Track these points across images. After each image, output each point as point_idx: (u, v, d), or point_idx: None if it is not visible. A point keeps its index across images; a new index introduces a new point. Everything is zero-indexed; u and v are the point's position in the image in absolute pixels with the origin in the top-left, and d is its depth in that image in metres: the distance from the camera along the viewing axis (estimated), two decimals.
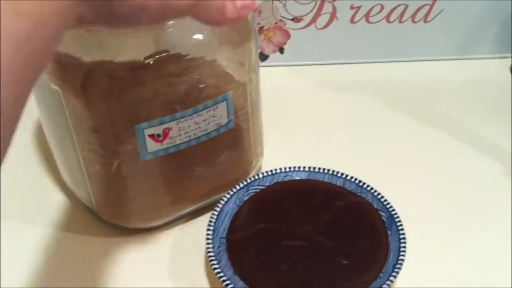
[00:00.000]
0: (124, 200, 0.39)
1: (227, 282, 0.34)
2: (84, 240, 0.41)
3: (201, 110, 0.37)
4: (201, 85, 0.37)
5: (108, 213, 0.40)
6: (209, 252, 0.36)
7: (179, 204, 0.41)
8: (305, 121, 0.51)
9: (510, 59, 0.55)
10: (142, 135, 0.36)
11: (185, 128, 0.37)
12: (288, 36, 0.55)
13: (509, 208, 0.41)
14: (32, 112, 0.42)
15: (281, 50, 0.56)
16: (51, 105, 0.36)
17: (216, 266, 0.35)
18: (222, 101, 0.38)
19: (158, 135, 0.36)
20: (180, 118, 0.36)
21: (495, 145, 0.47)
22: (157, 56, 0.35)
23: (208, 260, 0.35)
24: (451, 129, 0.48)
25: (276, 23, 0.54)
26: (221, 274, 0.34)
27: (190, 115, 0.36)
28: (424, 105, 0.51)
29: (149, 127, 0.36)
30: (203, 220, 0.39)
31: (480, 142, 0.47)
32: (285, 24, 0.54)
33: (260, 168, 0.45)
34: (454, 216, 0.41)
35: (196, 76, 0.37)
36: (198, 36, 0.36)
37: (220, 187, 0.41)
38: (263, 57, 0.57)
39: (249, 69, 0.39)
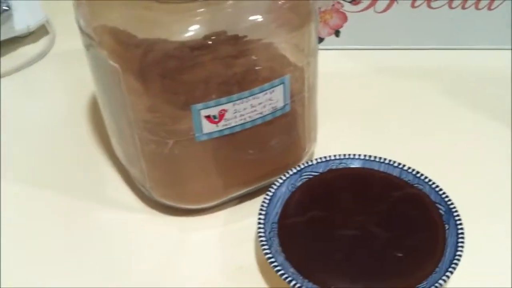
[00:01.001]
0: (177, 180, 0.39)
1: (278, 268, 0.33)
2: (135, 219, 0.41)
3: (257, 93, 0.36)
4: (258, 68, 0.36)
5: (160, 192, 0.40)
6: (261, 236, 0.35)
7: (231, 186, 0.40)
8: (360, 107, 0.49)
9: None
10: (198, 115, 0.35)
11: (241, 111, 0.36)
12: (345, 19, 0.54)
13: None
14: (87, 86, 0.42)
15: (337, 33, 0.55)
16: (109, 81, 0.36)
17: (268, 250, 0.34)
18: (279, 84, 0.37)
19: (214, 117, 0.36)
20: (236, 100, 0.36)
21: None
22: (215, 37, 0.34)
23: (259, 243, 0.35)
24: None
25: (333, 5, 0.53)
26: (273, 260, 0.34)
27: (246, 97, 0.36)
28: (486, 95, 0.50)
29: (205, 108, 0.35)
30: (254, 204, 0.39)
31: None
32: (342, 6, 0.53)
33: (313, 154, 0.44)
34: None
35: (254, 58, 0.36)
36: (256, 17, 0.35)
37: (271, 172, 0.40)
38: (319, 40, 0.55)
39: (307, 52, 0.38)
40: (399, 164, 0.39)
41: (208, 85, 0.35)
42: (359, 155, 0.40)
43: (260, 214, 0.37)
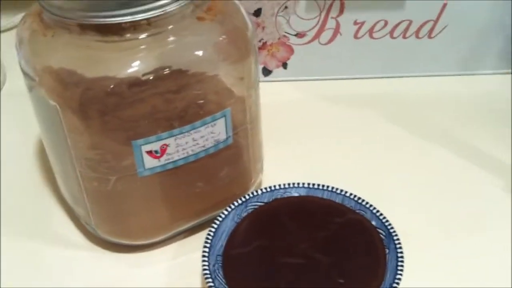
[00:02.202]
0: (121, 217, 0.39)
1: None
2: (82, 257, 0.41)
3: (199, 127, 0.37)
4: (200, 101, 0.37)
5: (105, 229, 0.40)
6: (205, 269, 0.35)
7: (178, 220, 0.41)
8: (308, 136, 0.50)
9: None
10: (139, 151, 0.36)
11: (183, 145, 0.37)
12: (291, 51, 0.55)
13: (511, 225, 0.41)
14: (35, 127, 0.42)
15: (285, 66, 0.56)
16: (50, 121, 0.37)
17: (211, 284, 0.34)
18: (221, 117, 0.38)
19: (156, 152, 0.36)
20: (178, 134, 0.36)
21: (498, 161, 0.46)
22: (154, 73, 0.35)
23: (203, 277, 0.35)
24: (454, 146, 0.48)
25: (279, 38, 0.54)
26: None
27: (188, 131, 0.36)
28: (428, 120, 0.51)
29: (146, 143, 0.36)
30: (202, 237, 0.39)
31: (483, 158, 0.46)
32: (288, 40, 0.54)
33: (260, 183, 0.45)
34: (455, 234, 0.41)
35: (197, 92, 0.37)
36: (199, 52, 0.36)
37: (219, 203, 0.41)
38: (267, 72, 0.57)
39: (248, 84, 0.39)
40: (342, 190, 0.40)
41: (148, 120, 0.35)
42: (303, 183, 0.41)
43: (204, 247, 0.37)
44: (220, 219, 0.39)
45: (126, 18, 0.33)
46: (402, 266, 0.35)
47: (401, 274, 0.34)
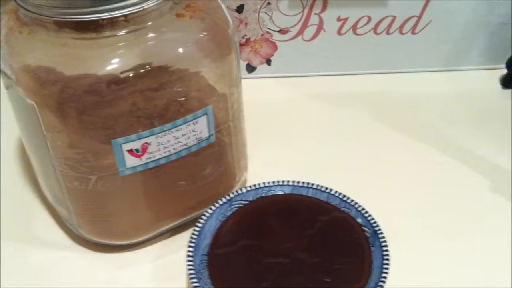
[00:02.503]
0: (103, 217, 0.38)
1: None
2: (65, 257, 0.40)
3: (180, 125, 0.36)
4: (182, 99, 0.36)
5: (88, 229, 0.39)
6: (190, 269, 0.35)
7: (161, 219, 0.40)
8: (293, 133, 0.50)
9: (498, 71, 0.55)
10: (120, 150, 0.35)
11: (165, 143, 0.36)
12: (275, 47, 0.55)
13: (495, 223, 0.41)
14: (15, 127, 0.42)
15: (268, 62, 0.56)
16: (28, 120, 0.36)
17: (197, 284, 0.34)
18: (203, 115, 0.37)
19: (137, 150, 0.36)
20: (159, 133, 0.36)
21: (483, 158, 0.46)
22: (134, 70, 0.34)
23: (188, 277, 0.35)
24: (438, 142, 0.48)
25: (262, 34, 0.54)
26: None
27: (169, 129, 0.36)
28: (412, 117, 0.51)
29: (127, 142, 0.35)
30: (187, 236, 0.39)
31: (467, 155, 0.46)
32: (272, 36, 0.54)
33: (245, 181, 0.44)
34: (440, 232, 0.41)
35: (179, 89, 0.36)
36: (180, 49, 0.36)
37: (203, 202, 0.40)
38: (251, 68, 0.56)
39: (230, 82, 0.39)
40: (326, 188, 0.39)
41: (128, 119, 0.35)
42: (288, 181, 0.40)
43: (189, 246, 0.36)
44: (204, 218, 0.38)
45: (103, 14, 0.32)
46: (387, 264, 0.34)
47: (386, 272, 0.34)
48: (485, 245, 0.39)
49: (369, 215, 0.37)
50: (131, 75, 0.34)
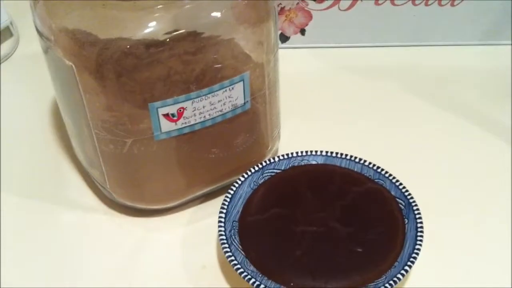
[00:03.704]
0: (137, 181, 0.39)
1: (238, 266, 0.33)
2: (97, 220, 0.40)
3: (216, 90, 0.36)
4: (218, 65, 0.36)
5: (120, 193, 0.39)
6: (221, 235, 0.35)
7: (193, 185, 0.40)
8: (326, 105, 0.49)
9: None
10: (156, 114, 0.35)
11: (200, 108, 0.36)
12: (310, 17, 0.54)
13: None
14: (49, 90, 0.42)
15: (303, 32, 0.55)
16: (66, 82, 0.36)
17: (228, 249, 0.34)
18: (239, 81, 0.37)
19: (173, 115, 0.36)
20: (195, 98, 0.36)
21: None
22: (172, 34, 0.34)
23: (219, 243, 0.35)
24: (473, 117, 0.47)
25: (297, 3, 0.53)
26: (232, 258, 0.34)
27: (205, 95, 0.36)
28: (448, 91, 0.50)
29: (163, 106, 0.35)
30: (217, 203, 0.39)
31: (503, 130, 0.45)
32: (307, 5, 0.53)
33: (277, 151, 0.44)
34: (474, 207, 0.40)
35: (213, 56, 0.36)
36: (216, 14, 0.35)
37: (235, 170, 0.40)
38: (284, 38, 0.55)
39: (267, 49, 0.38)
40: (360, 159, 0.39)
41: (165, 82, 0.35)
42: (321, 151, 0.40)
43: (220, 213, 0.36)
44: (236, 185, 0.38)
45: None
46: (421, 236, 0.34)
47: (420, 245, 0.34)
48: None
49: (404, 187, 0.37)
50: (169, 38, 0.34)
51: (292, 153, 0.40)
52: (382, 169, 0.38)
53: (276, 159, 0.40)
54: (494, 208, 0.40)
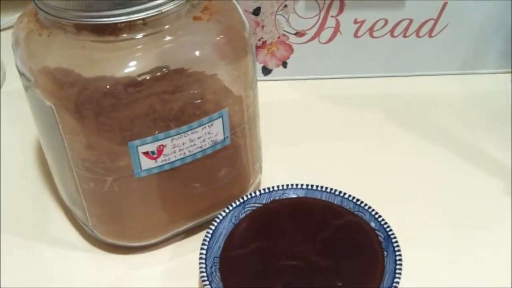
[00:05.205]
0: (118, 218, 0.39)
1: None
2: (79, 257, 0.40)
3: (195, 128, 0.36)
4: (198, 101, 0.37)
5: (102, 230, 0.39)
6: (202, 272, 0.35)
7: (175, 221, 0.40)
8: (308, 136, 0.50)
9: None
10: (136, 152, 0.35)
11: (180, 145, 0.37)
12: (291, 50, 0.55)
13: (509, 225, 0.40)
14: (34, 126, 0.42)
15: (284, 65, 0.56)
16: (46, 121, 0.36)
17: (208, 286, 0.34)
18: (218, 118, 0.37)
19: (152, 152, 0.36)
20: (175, 135, 0.36)
21: (499, 162, 0.46)
22: (151, 73, 0.34)
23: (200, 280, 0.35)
24: (453, 146, 0.47)
25: (279, 37, 0.54)
26: None
27: (184, 132, 0.36)
28: (428, 120, 0.51)
29: (143, 144, 0.35)
30: (200, 238, 0.39)
31: (483, 159, 0.46)
32: (288, 39, 0.54)
33: (259, 184, 0.45)
34: (455, 236, 0.41)
35: (195, 92, 0.36)
36: (197, 52, 0.36)
37: (217, 204, 0.40)
38: (267, 71, 0.56)
39: (245, 85, 0.39)
40: (340, 192, 0.39)
41: (144, 121, 0.35)
42: (302, 184, 0.40)
43: (201, 249, 0.36)
44: (217, 220, 0.38)
45: (121, 18, 0.33)
46: (400, 269, 0.34)
47: (399, 277, 0.34)
48: (503, 247, 0.39)
49: (383, 220, 0.37)
50: (148, 78, 0.34)
51: (273, 187, 0.40)
52: (362, 202, 0.39)
53: (258, 193, 0.40)
54: (476, 237, 0.40)
